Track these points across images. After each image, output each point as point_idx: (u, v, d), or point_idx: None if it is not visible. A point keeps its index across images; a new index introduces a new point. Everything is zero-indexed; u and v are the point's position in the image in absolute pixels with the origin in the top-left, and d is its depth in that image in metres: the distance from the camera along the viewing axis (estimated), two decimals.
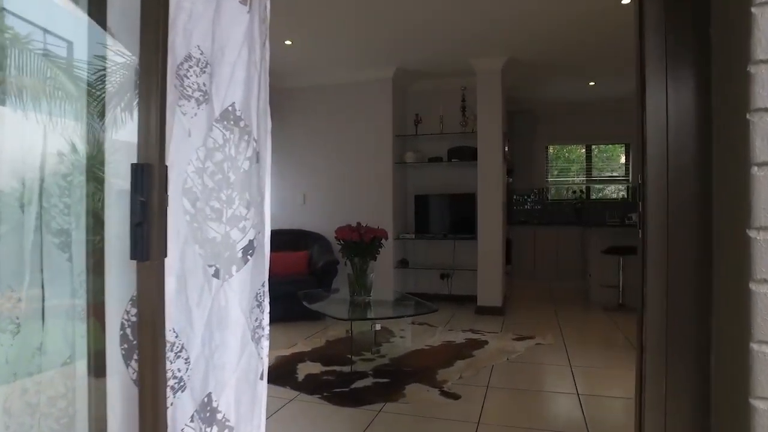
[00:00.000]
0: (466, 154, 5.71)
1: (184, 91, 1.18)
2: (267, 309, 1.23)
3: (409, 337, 4.31)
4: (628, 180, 7.62)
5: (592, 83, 6.48)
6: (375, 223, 5.73)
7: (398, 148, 5.95)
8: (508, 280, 7.15)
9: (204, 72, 1.21)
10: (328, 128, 5.98)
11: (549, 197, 7.91)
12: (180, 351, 1.14)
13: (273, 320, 1.28)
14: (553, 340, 4.29)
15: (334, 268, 5.13)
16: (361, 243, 3.59)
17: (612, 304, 5.81)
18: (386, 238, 3.78)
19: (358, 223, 3.74)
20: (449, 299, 6.08)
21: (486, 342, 4.25)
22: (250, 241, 1.21)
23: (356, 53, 5.33)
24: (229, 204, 1.21)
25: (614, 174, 7.73)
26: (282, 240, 5.70)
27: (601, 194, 7.84)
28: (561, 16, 4.28)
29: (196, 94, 1.20)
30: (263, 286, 1.23)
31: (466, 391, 3.11)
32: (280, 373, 3.45)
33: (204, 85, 1.21)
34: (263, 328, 1.23)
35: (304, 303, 3.73)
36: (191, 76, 1.19)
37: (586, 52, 5.22)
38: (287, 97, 6.13)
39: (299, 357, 3.83)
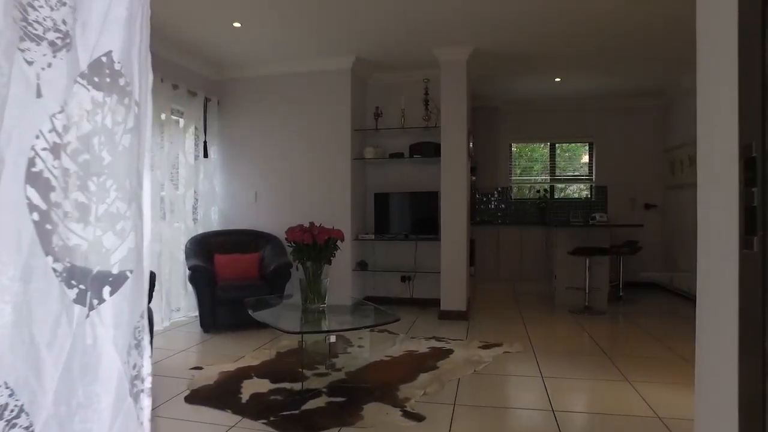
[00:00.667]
0: (429, 150, 5.41)
1: (30, 28, 0.79)
2: (148, 352, 0.86)
3: (367, 347, 3.97)
4: (591, 179, 7.51)
5: (558, 79, 6.31)
6: (332, 222, 5.34)
7: (357, 143, 5.60)
8: (472, 282, 6.91)
9: (63, 4, 0.83)
10: (282, 121, 5.57)
11: (512, 196, 7.72)
12: (16, 417, 0.75)
13: (221, 329, 0.92)
14: (521, 348, 4.03)
15: (287, 271, 4.73)
16: (314, 245, 3.22)
17: (578, 306, 5.63)
18: (342, 240, 3.42)
19: (312, 224, 3.37)
20: (411, 303, 5.77)
21: (451, 351, 3.95)
22: (130, 251, 0.84)
23: (313, 40, 4.94)
24: (100, 197, 0.84)
25: (577, 173, 7.61)
26: (232, 241, 5.26)
27: (563, 194, 7.71)
28: (530, 3, 4.02)
29: (51, 36, 0.81)
30: (142, 317, 0.85)
31: (431, 411, 2.78)
32: (222, 393, 3.04)
33: (63, 23, 0.83)
34: (143, 380, 0.85)
35: (250, 312, 3.33)
36: (42, 7, 0.81)
37: (555, 44, 5.01)
38: (238, 86, 5.68)
39: (245, 372, 3.42)
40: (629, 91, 6.89)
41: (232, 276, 4.83)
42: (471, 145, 5.46)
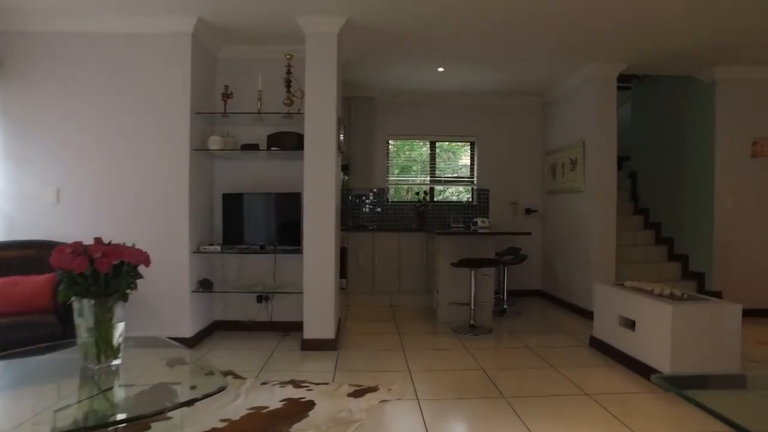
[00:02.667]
0: (291, 142, 4.41)
1: None
2: None
3: (196, 407, 2.86)
4: (473, 181, 7.01)
5: (440, 69, 5.65)
6: (165, 230, 4.15)
7: (199, 130, 4.42)
8: (344, 298, 6.02)
9: None
10: (96, 96, 4.20)
11: (389, 198, 6.98)
12: None
13: None
14: (401, 392, 3.20)
15: None
16: (93, 275, 2.08)
17: (463, 325, 4.99)
18: (147, 264, 2.30)
19: (97, 240, 2.20)
20: (271, 328, 4.74)
21: (312, 404, 2.99)
22: None
23: None
24: None
25: (458, 175, 7.08)
26: (17, 258, 3.83)
27: (442, 196, 7.14)
28: None
29: None
30: None
31: None
32: None
33: None
34: None
35: None
36: None
37: (437, 25, 4.29)
38: (33, 45, 4.20)
39: None
40: (513, 89, 6.48)
41: (10, 309, 3.42)
42: (342, 138, 4.56)
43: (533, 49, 4.96)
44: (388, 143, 6.96)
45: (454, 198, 7.12)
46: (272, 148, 4.43)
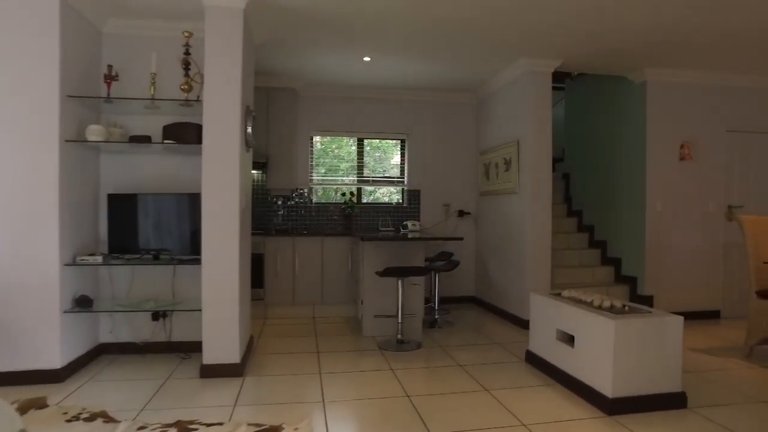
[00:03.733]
0: (191, 135, 3.77)
1: None
2: None
3: None
4: (403, 181, 6.59)
5: (367, 59, 5.17)
6: (25, 240, 3.38)
7: (76, 118, 3.69)
8: (260, 311, 5.43)
9: None
10: None
11: (313, 200, 6.43)
12: None
13: None
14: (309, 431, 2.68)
15: None
16: None
17: (390, 340, 4.54)
18: None
19: None
20: (168, 349, 4.09)
21: None
22: None
23: None
24: None
25: (388, 174, 6.63)
26: None
27: (372, 197, 6.68)
28: None
29: None
30: None
31: None
32: None
33: None
34: None
35: None
36: None
37: (362, 6, 3.81)
38: None
39: None
40: (445, 84, 6.11)
41: None
42: (250, 131, 3.97)
43: (465, 42, 4.59)
44: (312, 140, 6.41)
45: (385, 199, 6.67)
46: (166, 141, 3.77)
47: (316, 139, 6.45)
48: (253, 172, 5.99)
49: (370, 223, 6.42)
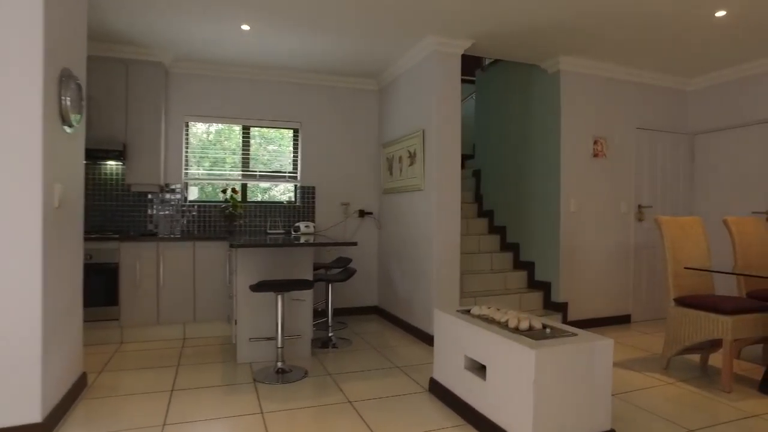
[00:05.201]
0: None
1: None
2: None
3: None
4: (296, 177, 5.75)
5: (245, 27, 4.29)
6: None
7: None
8: (113, 334, 4.40)
9: None
10: None
11: (188, 198, 5.42)
12: None
13: None
14: None
15: None
16: None
17: (268, 370, 3.70)
18: None
19: None
20: None
21: None
22: None
23: None
24: None
25: (280, 169, 5.76)
26: None
27: (267, 195, 5.78)
28: None
29: None
30: None
31: None
32: None
33: None
34: None
35: None
36: None
37: None
38: None
39: None
40: (344, 67, 5.36)
41: None
42: (68, 102, 2.95)
43: (362, 9, 3.85)
44: (187, 126, 5.40)
45: (276, 197, 5.80)
46: None
47: (193, 125, 5.45)
48: (110, 163, 4.90)
49: (257, 224, 5.53)
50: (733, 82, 5.42)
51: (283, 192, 5.81)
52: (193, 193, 5.47)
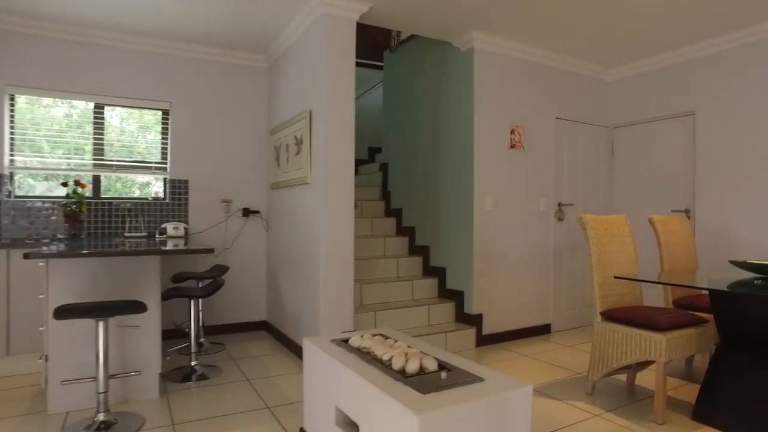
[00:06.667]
0: None
1: None
2: None
3: None
4: (165, 168, 4.73)
5: None
6: None
7: None
8: None
9: None
10: None
11: (15, 192, 4.27)
12: None
13: None
14: None
15: None
16: None
17: (83, 423, 2.72)
18: None
19: None
20: None
21: None
22: None
23: None
24: None
25: (142, 159, 4.71)
26: None
27: (132, 191, 4.72)
28: None
29: None
30: None
31: None
32: None
33: None
34: None
35: None
36: None
37: None
38: None
39: None
40: (224, 35, 4.42)
41: None
42: None
43: None
44: (12, 100, 4.24)
45: (142, 193, 4.75)
46: None
47: (21, 99, 4.29)
48: None
49: (112, 226, 4.47)
50: (649, 73, 5.03)
51: (148, 186, 4.76)
52: (41, 188, 4.32)
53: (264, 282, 5.03)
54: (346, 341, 2.39)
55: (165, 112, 4.72)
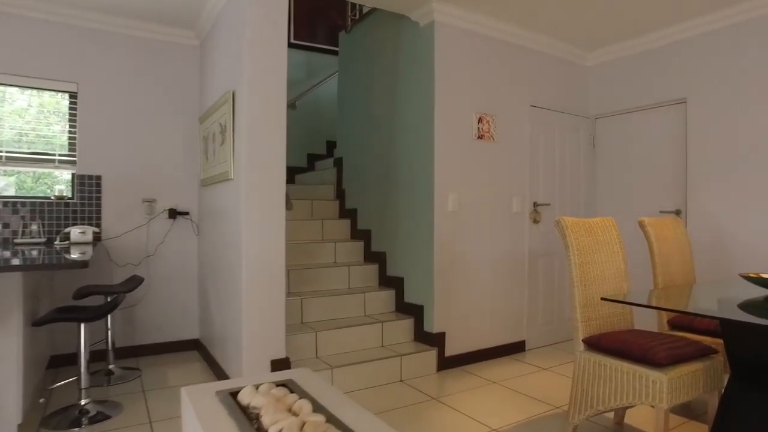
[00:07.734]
0: None
1: None
2: None
3: None
4: (73, 162, 4.00)
5: None
6: None
7: None
8: None
9: None
10: None
11: None
12: None
13: None
14: None
15: None
16: None
17: None
18: None
19: None
20: None
21: None
22: None
23: None
24: None
25: (44, 150, 3.96)
26: None
27: (26, 188, 3.98)
28: None
29: None
30: None
31: None
32: None
33: None
34: None
35: None
36: None
37: None
38: None
39: None
40: (147, 6, 3.71)
41: None
42: None
43: None
44: None
45: (40, 190, 4.00)
46: None
47: None
48: None
49: (3, 231, 3.72)
50: (635, 56, 4.46)
51: (52, 182, 4.02)
52: None
53: (195, 295, 4.33)
54: (236, 395, 1.72)
55: (72, 95, 3.99)
